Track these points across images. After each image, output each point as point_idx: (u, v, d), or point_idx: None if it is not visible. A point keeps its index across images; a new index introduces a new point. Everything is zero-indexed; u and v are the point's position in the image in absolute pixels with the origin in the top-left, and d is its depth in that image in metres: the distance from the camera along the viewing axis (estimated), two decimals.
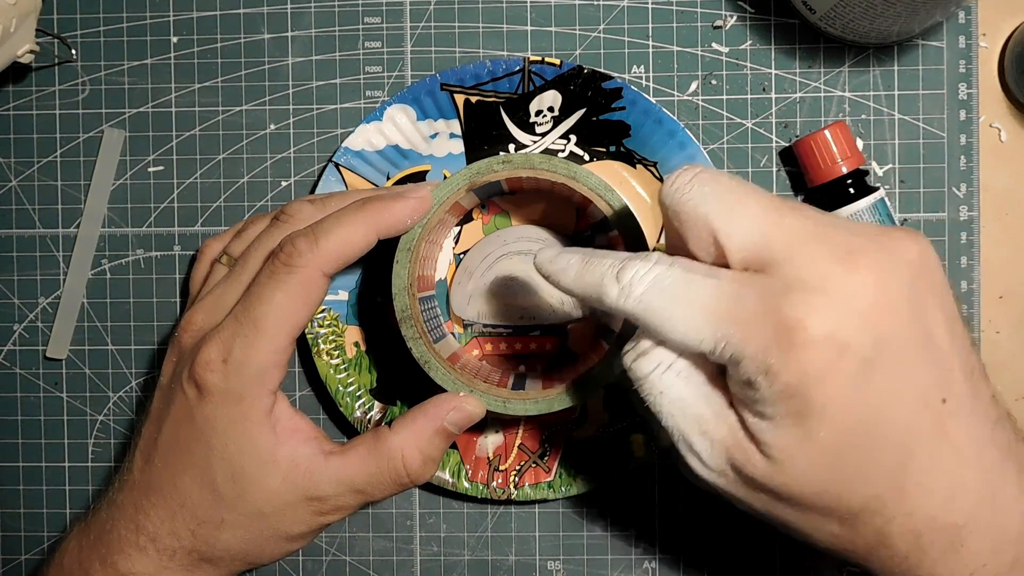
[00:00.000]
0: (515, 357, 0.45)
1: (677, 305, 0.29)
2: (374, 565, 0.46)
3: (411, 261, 0.38)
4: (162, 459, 0.37)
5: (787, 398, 0.27)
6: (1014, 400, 0.45)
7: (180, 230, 0.46)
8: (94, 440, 0.47)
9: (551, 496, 0.44)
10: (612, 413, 0.44)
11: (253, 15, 0.45)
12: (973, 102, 0.44)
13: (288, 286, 0.35)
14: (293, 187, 0.46)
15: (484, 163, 0.39)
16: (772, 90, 0.44)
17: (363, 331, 0.45)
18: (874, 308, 0.27)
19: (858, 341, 0.27)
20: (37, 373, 0.47)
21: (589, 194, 0.38)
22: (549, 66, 0.42)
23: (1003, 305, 0.45)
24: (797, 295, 0.27)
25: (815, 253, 0.28)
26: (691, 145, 0.42)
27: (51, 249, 0.46)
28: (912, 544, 0.29)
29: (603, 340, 0.42)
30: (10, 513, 0.47)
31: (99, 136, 0.46)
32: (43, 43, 0.45)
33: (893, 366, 0.28)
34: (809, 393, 0.27)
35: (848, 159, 0.42)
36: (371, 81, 0.45)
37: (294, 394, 0.46)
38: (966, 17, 0.44)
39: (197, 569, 0.37)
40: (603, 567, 0.46)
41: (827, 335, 0.27)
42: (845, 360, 0.27)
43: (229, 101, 0.46)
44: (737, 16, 0.44)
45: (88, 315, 0.46)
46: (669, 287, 0.29)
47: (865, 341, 0.27)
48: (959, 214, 0.44)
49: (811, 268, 0.27)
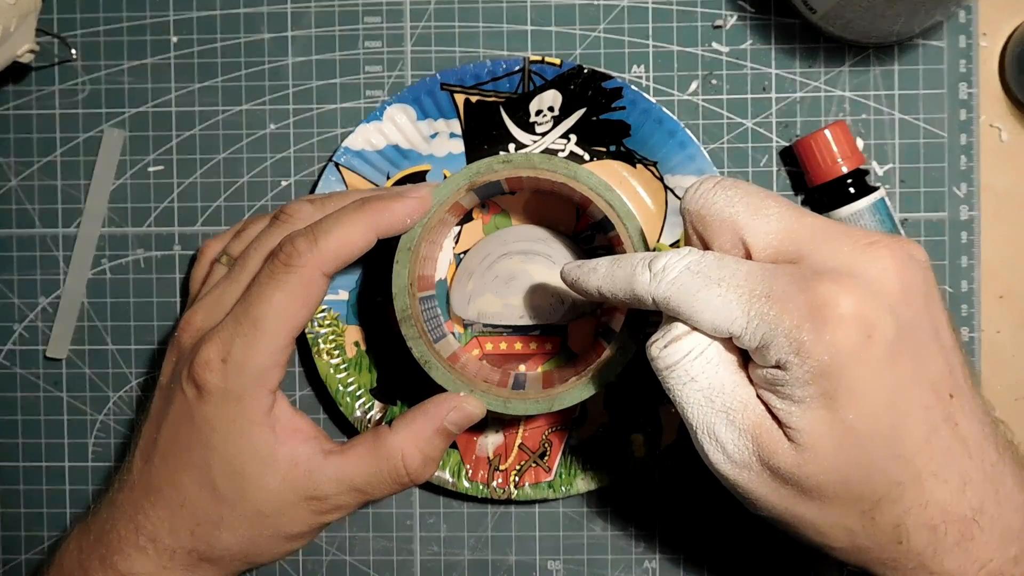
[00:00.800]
0: (515, 357, 0.45)
1: (710, 286, 0.29)
2: (374, 565, 0.46)
3: (411, 261, 0.38)
4: (161, 459, 0.37)
5: (818, 377, 0.28)
6: (1014, 400, 0.45)
7: (180, 230, 0.46)
8: (94, 440, 0.47)
9: (551, 496, 0.44)
10: (612, 413, 0.44)
11: (253, 15, 0.45)
12: (973, 102, 0.44)
13: (287, 286, 0.35)
14: (293, 187, 0.46)
15: (484, 163, 0.39)
16: (772, 90, 0.44)
17: (363, 331, 0.45)
18: (897, 294, 0.29)
19: (884, 323, 0.28)
20: (37, 373, 0.47)
21: (589, 194, 0.38)
22: (549, 66, 0.42)
23: (1003, 305, 0.45)
24: (827, 277, 0.28)
25: (839, 244, 0.29)
26: (691, 145, 0.42)
27: (51, 249, 0.46)
28: (928, 537, 0.29)
29: (603, 340, 0.42)
30: (10, 513, 0.47)
31: (99, 136, 0.46)
32: (43, 43, 0.45)
33: (913, 353, 0.29)
34: (840, 372, 0.28)
35: (848, 159, 0.42)
36: (371, 81, 0.45)
37: (294, 394, 0.46)
38: (966, 17, 0.44)
39: (197, 569, 0.37)
40: (603, 567, 0.46)
41: (857, 314, 0.28)
42: (873, 341, 0.28)
43: (229, 101, 0.46)
44: (737, 16, 0.44)
45: (88, 315, 0.46)
46: (704, 270, 0.30)
47: (890, 324, 0.28)
48: (959, 214, 0.44)
49: (837, 256, 0.29)
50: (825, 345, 0.28)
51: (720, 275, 0.29)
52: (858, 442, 0.28)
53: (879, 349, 0.28)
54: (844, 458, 0.29)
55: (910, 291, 0.29)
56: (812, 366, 0.28)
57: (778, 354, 0.28)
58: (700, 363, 0.30)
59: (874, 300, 0.28)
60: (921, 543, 0.29)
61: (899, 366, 0.28)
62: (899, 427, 0.29)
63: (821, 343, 0.28)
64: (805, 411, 0.29)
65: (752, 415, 0.30)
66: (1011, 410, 0.45)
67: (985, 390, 0.45)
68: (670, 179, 0.43)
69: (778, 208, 0.30)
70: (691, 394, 0.30)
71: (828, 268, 0.29)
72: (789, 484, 0.30)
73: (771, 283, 0.29)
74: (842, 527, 0.30)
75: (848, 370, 0.28)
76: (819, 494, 0.29)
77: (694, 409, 0.30)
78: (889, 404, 0.28)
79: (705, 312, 0.30)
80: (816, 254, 0.29)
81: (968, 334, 0.45)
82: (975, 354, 0.45)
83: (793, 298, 0.28)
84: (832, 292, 0.28)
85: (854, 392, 0.28)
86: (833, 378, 0.28)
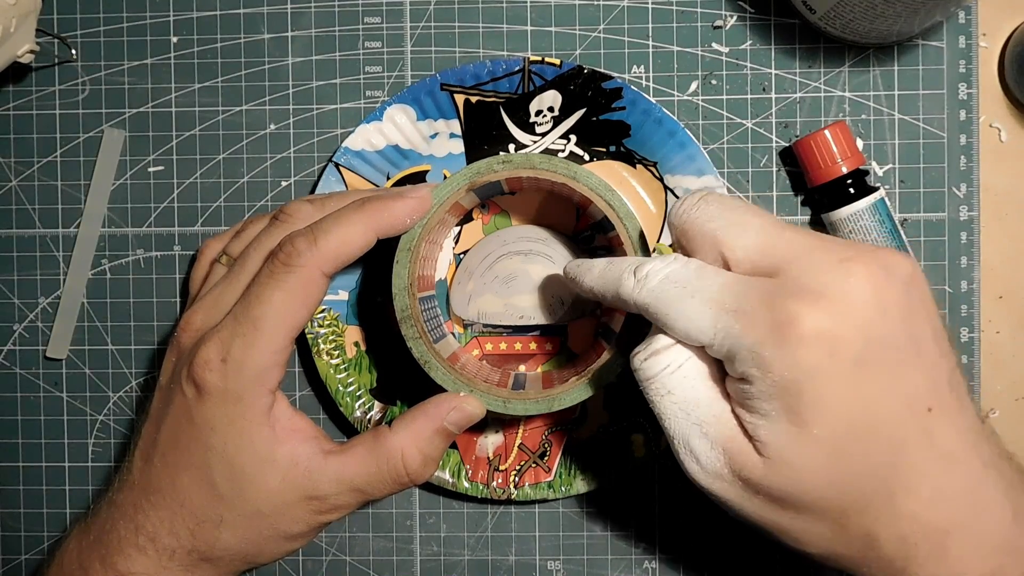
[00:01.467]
0: (515, 357, 0.45)
1: (686, 296, 0.30)
2: (374, 565, 0.46)
3: (411, 261, 0.38)
4: (161, 459, 0.37)
5: (781, 392, 0.29)
6: (1014, 400, 0.45)
7: (180, 230, 0.46)
8: (94, 440, 0.47)
9: (551, 496, 0.44)
10: (612, 413, 0.44)
11: (253, 15, 0.45)
12: (973, 102, 0.44)
13: (287, 286, 0.35)
14: (293, 187, 0.46)
15: (484, 163, 0.39)
16: (772, 90, 0.44)
17: (363, 331, 0.45)
18: (867, 311, 0.29)
19: (850, 340, 0.28)
20: (37, 373, 0.47)
21: (589, 194, 0.38)
22: (549, 66, 0.42)
23: (1003, 305, 0.45)
24: (796, 295, 0.29)
25: (814, 260, 0.29)
26: (691, 145, 0.42)
27: (51, 249, 0.46)
28: (898, 548, 0.30)
29: (603, 340, 0.42)
30: (10, 513, 0.47)
31: (99, 136, 0.46)
32: (43, 43, 0.45)
33: (884, 368, 0.29)
34: (802, 388, 0.28)
35: (848, 159, 0.42)
36: (371, 81, 0.45)
37: (294, 394, 0.46)
38: (966, 17, 0.44)
39: (197, 569, 0.37)
40: (603, 567, 0.46)
41: (820, 332, 0.28)
42: (837, 357, 0.28)
43: (229, 101, 0.46)
44: (737, 16, 0.44)
45: (88, 315, 0.46)
46: (681, 280, 0.31)
47: (857, 341, 0.28)
48: (959, 214, 0.44)
49: (810, 273, 0.29)
50: (787, 362, 0.28)
51: (697, 286, 0.30)
52: (825, 455, 0.29)
53: (843, 365, 0.28)
54: (812, 470, 0.29)
55: (884, 307, 0.29)
56: (774, 381, 0.29)
57: (742, 367, 0.29)
58: (677, 377, 0.31)
59: (840, 317, 0.28)
60: (892, 553, 0.30)
61: (867, 381, 0.29)
62: (867, 441, 0.29)
63: (782, 360, 0.28)
64: (772, 425, 0.29)
65: (724, 429, 0.30)
66: (1011, 410, 0.45)
67: (985, 390, 0.45)
68: (670, 179, 0.43)
69: (758, 222, 0.31)
70: (668, 406, 0.31)
71: (800, 284, 0.29)
72: (760, 494, 0.30)
73: (742, 297, 0.29)
74: (815, 534, 0.31)
75: (811, 386, 0.28)
76: (790, 504, 0.30)
77: (671, 421, 0.31)
78: (856, 418, 0.29)
79: (679, 321, 0.31)
80: (791, 269, 0.29)
81: (968, 334, 0.45)
82: (975, 354, 0.45)
83: (760, 314, 0.29)
84: (797, 310, 0.28)
85: (819, 407, 0.28)
86: (796, 394, 0.28)
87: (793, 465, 0.29)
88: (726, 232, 0.31)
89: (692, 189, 0.42)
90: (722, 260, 0.31)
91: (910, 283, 0.30)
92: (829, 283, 0.29)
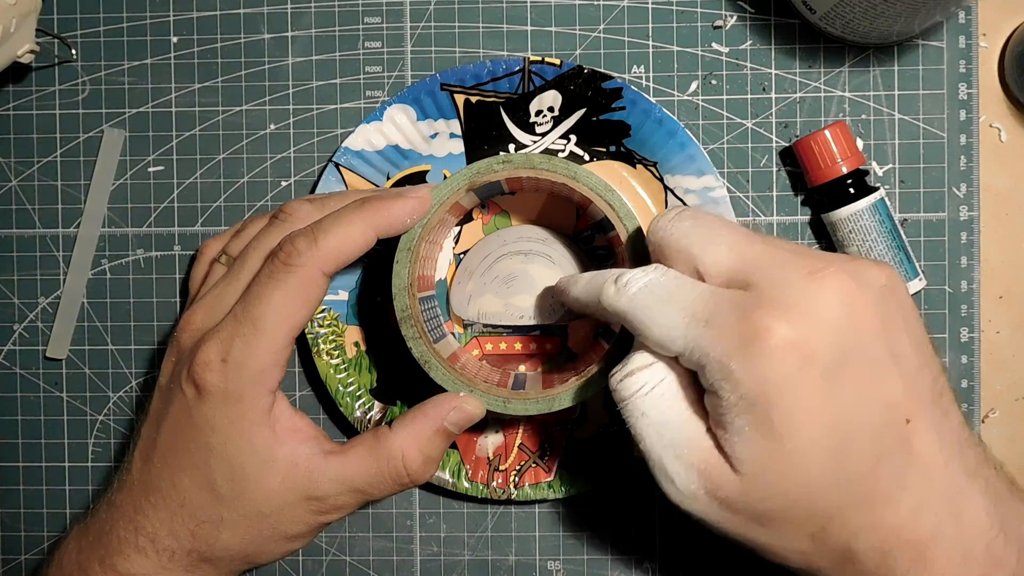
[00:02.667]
0: (515, 357, 0.45)
1: (662, 305, 0.31)
2: (374, 565, 0.46)
3: (411, 261, 0.38)
4: (161, 459, 0.37)
5: (751, 405, 0.29)
6: (1014, 400, 0.45)
7: (180, 230, 0.46)
8: (94, 440, 0.47)
9: (551, 496, 0.44)
10: (612, 413, 0.44)
11: (253, 15, 0.45)
12: (973, 102, 0.44)
13: (287, 285, 0.35)
14: (293, 187, 0.46)
15: (484, 163, 0.39)
16: (772, 90, 0.44)
17: (363, 331, 0.45)
18: (838, 322, 0.29)
19: (821, 351, 0.28)
20: (37, 373, 0.47)
21: (589, 194, 0.38)
22: (549, 66, 0.42)
23: (1003, 305, 0.45)
24: (765, 307, 0.29)
25: (785, 272, 0.29)
26: (691, 145, 0.42)
27: (51, 249, 0.46)
28: (878, 560, 0.30)
29: (603, 340, 0.42)
30: (10, 513, 0.47)
31: (99, 136, 0.46)
32: (43, 43, 0.45)
33: (857, 379, 0.29)
34: (772, 401, 0.28)
35: (848, 159, 0.42)
36: (371, 81, 0.45)
37: (294, 394, 0.46)
38: (966, 17, 0.44)
39: (197, 569, 0.37)
40: (603, 567, 0.46)
41: (789, 344, 0.28)
42: (807, 369, 0.28)
43: (229, 101, 0.46)
44: (737, 16, 0.44)
45: (88, 315, 0.46)
46: (658, 288, 0.31)
47: (827, 352, 0.28)
48: (959, 214, 0.44)
49: (782, 286, 0.29)
50: (756, 374, 0.28)
51: (672, 296, 0.31)
52: (799, 468, 0.29)
53: (814, 377, 0.28)
54: (787, 484, 0.29)
55: (856, 317, 0.29)
56: (742, 394, 0.29)
57: (711, 378, 0.29)
58: (652, 398, 0.31)
59: (810, 328, 0.28)
60: (872, 565, 0.30)
61: (839, 393, 0.29)
62: (841, 453, 0.29)
63: (750, 373, 0.28)
64: (745, 440, 0.29)
65: (699, 451, 0.30)
66: (1011, 410, 0.45)
67: (985, 390, 0.45)
68: (670, 179, 0.43)
69: (731, 237, 0.31)
70: (644, 427, 0.31)
71: (770, 296, 0.29)
72: (739, 512, 0.30)
73: (713, 309, 0.30)
74: (794, 549, 0.31)
75: (781, 399, 0.28)
76: (768, 519, 0.30)
77: (646, 442, 0.31)
78: (828, 431, 0.29)
79: (653, 329, 0.31)
80: (763, 282, 0.30)
81: (968, 334, 0.45)
82: (975, 354, 0.45)
83: (730, 326, 0.29)
84: (765, 323, 0.28)
85: (791, 420, 0.28)
86: (767, 407, 0.28)
87: (769, 480, 0.29)
88: (700, 247, 0.31)
89: (692, 189, 0.43)
90: (697, 275, 0.31)
91: (885, 293, 0.30)
92: (799, 295, 0.29)
